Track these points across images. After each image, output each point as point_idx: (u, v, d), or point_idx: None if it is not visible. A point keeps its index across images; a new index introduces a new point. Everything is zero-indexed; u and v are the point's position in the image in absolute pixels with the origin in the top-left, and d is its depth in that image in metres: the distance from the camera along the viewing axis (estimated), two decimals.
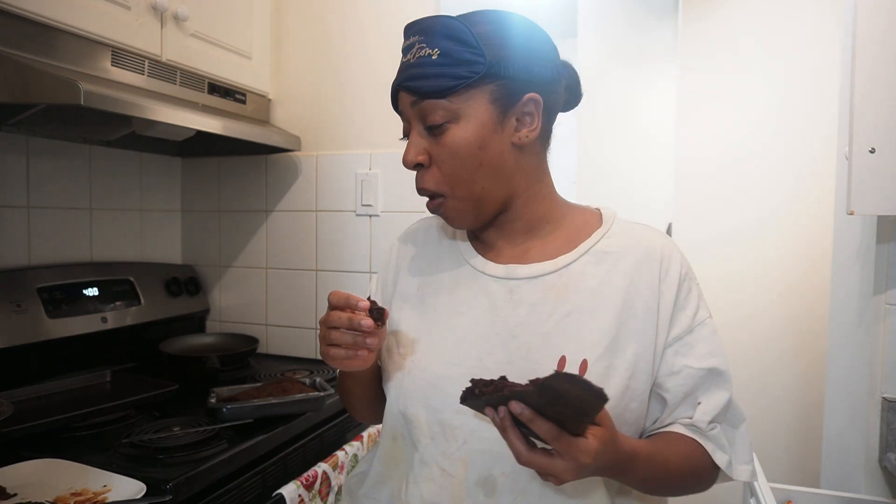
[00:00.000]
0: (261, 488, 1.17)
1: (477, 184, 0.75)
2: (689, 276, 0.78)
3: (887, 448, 1.32)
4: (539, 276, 0.76)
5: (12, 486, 0.95)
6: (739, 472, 0.75)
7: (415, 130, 0.76)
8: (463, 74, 0.71)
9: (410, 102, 0.75)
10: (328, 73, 1.78)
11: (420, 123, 0.75)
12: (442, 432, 0.74)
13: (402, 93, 0.76)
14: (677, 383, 0.74)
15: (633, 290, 0.75)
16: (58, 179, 1.55)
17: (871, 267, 1.36)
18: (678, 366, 0.74)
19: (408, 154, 0.76)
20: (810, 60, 2.13)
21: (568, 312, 0.74)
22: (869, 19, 1.23)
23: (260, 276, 1.89)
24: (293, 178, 1.83)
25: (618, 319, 0.74)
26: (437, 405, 0.75)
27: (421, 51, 0.73)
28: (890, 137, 1.22)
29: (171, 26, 1.42)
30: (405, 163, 0.77)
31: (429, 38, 0.73)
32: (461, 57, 0.71)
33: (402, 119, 0.79)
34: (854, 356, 1.44)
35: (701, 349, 0.75)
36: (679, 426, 0.74)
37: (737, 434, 0.76)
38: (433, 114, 0.73)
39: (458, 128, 0.73)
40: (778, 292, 2.18)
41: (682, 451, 0.72)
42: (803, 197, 2.14)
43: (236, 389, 1.32)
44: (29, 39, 1.13)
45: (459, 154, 0.73)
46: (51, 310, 1.42)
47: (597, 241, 0.78)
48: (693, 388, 0.74)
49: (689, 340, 0.76)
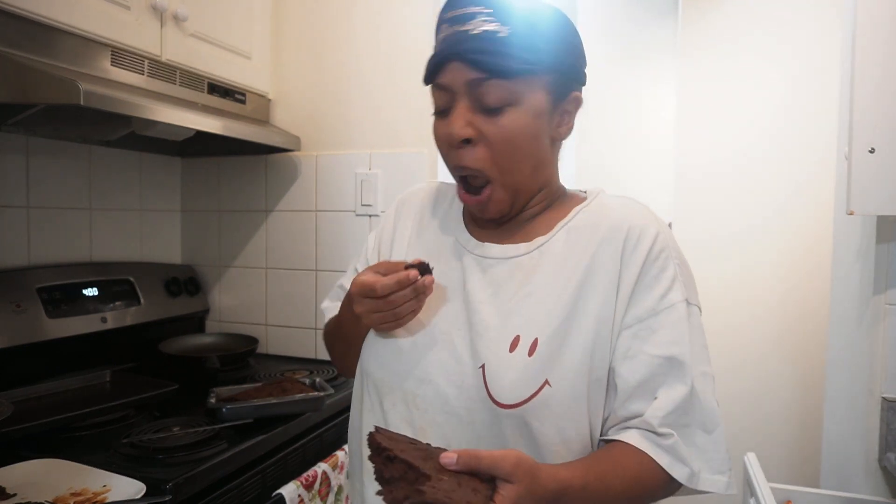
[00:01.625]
0: (260, 488, 1.17)
1: (522, 173, 0.74)
2: (666, 254, 0.72)
3: (887, 448, 1.32)
4: (512, 258, 0.76)
5: (12, 486, 0.95)
6: (709, 483, 0.67)
7: (462, 104, 0.71)
8: (531, 59, 0.69)
9: (468, 76, 0.69)
10: (328, 73, 1.78)
11: (471, 99, 0.70)
12: (403, 398, 0.75)
13: (455, 63, 0.69)
14: (631, 369, 0.68)
15: (594, 264, 0.71)
16: (58, 179, 1.55)
17: (870, 267, 1.37)
18: (634, 350, 0.69)
19: (454, 125, 0.71)
20: (810, 60, 2.12)
21: (530, 292, 0.73)
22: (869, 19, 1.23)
23: (260, 276, 1.89)
24: (293, 178, 1.83)
25: (575, 295, 0.70)
26: (401, 371, 0.75)
27: (487, 24, 0.68)
28: (890, 137, 1.22)
29: (171, 26, 1.42)
30: (451, 136, 0.71)
31: (497, 13, 0.68)
32: (531, 41, 0.69)
33: (440, 90, 0.72)
34: (854, 356, 1.43)
35: (663, 335, 0.69)
36: (633, 434, 0.67)
37: (709, 440, 0.68)
38: (494, 93, 0.69)
39: (517, 112, 0.70)
40: (778, 292, 2.18)
41: (630, 471, 0.65)
42: (803, 197, 2.14)
43: (236, 389, 1.32)
44: (29, 39, 1.13)
45: (515, 139, 0.71)
46: (50, 310, 1.42)
47: (571, 218, 0.76)
48: (648, 377, 0.68)
49: (650, 324, 0.69)
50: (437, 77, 0.72)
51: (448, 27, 0.71)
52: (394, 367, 0.76)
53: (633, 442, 0.67)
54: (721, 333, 2.19)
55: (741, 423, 2.21)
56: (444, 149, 0.75)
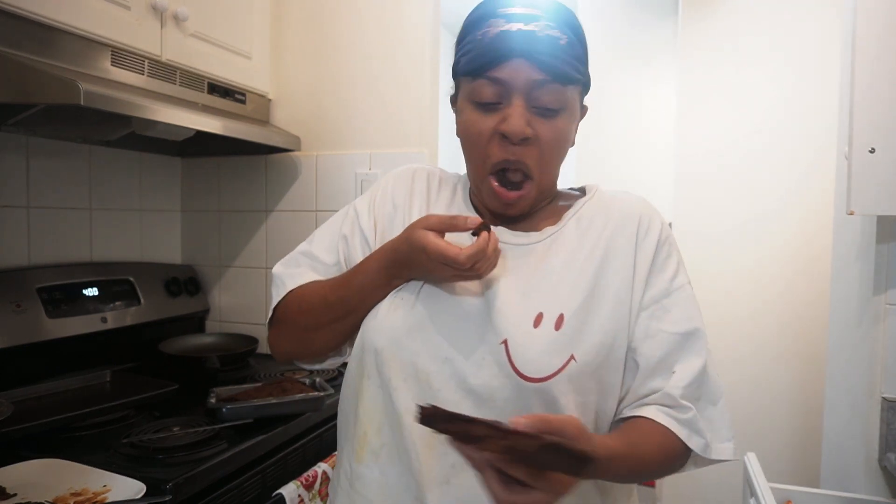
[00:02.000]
0: (260, 488, 1.17)
1: (554, 174, 0.80)
2: (670, 241, 0.78)
3: (887, 448, 1.32)
4: (525, 244, 0.78)
5: (12, 486, 0.95)
6: (719, 452, 0.72)
7: (519, 102, 0.72)
8: (581, 70, 0.75)
9: (532, 76, 0.71)
10: (328, 73, 1.78)
11: (529, 99, 0.72)
12: (416, 376, 0.73)
13: (520, 61, 0.71)
14: (652, 347, 0.73)
15: (611, 248, 0.76)
16: (58, 179, 1.55)
17: (870, 267, 1.36)
18: (653, 329, 0.73)
19: (516, 123, 0.71)
20: (810, 60, 2.12)
21: (547, 273, 0.75)
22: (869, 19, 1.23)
23: (260, 276, 1.89)
24: (293, 178, 1.83)
25: (595, 275, 0.74)
26: (413, 348, 0.73)
27: (550, 30, 0.71)
28: (890, 137, 1.22)
29: (171, 26, 1.42)
30: (514, 132, 0.72)
31: (557, 22, 0.72)
32: (579, 52, 0.74)
33: (494, 83, 0.72)
34: (854, 356, 1.43)
35: (677, 314, 0.74)
36: (652, 410, 0.71)
37: (716, 411, 0.73)
38: (552, 96, 0.72)
39: (565, 117, 0.75)
40: (778, 292, 2.18)
41: (657, 443, 0.70)
42: (803, 196, 2.14)
43: (236, 389, 1.32)
44: (29, 39, 1.13)
45: (561, 143, 0.76)
46: (50, 310, 1.42)
47: (579, 209, 0.81)
48: (667, 353, 0.72)
49: (665, 304, 0.75)
50: (496, 70, 0.72)
51: (505, 23, 0.71)
52: (406, 344, 0.74)
53: (654, 417, 0.71)
54: (721, 334, 2.19)
55: (741, 423, 2.21)
56: (483, 141, 0.74)
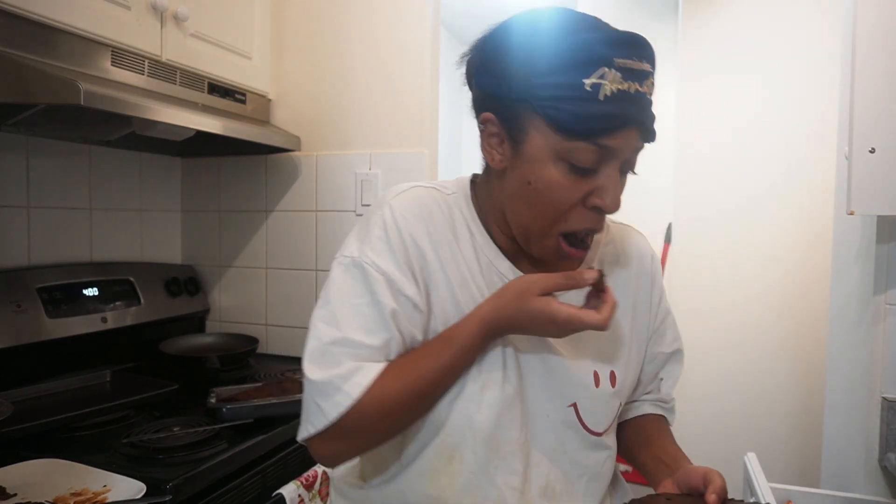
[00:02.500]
0: (261, 488, 1.17)
1: None
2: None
3: (887, 448, 1.32)
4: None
5: (12, 486, 0.95)
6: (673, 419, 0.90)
7: (615, 170, 0.66)
8: None
9: (637, 145, 0.66)
10: (328, 73, 1.78)
11: (622, 164, 0.67)
12: (514, 452, 0.73)
13: (633, 130, 0.64)
14: (653, 366, 0.86)
15: (637, 295, 0.83)
16: (58, 179, 1.55)
17: (870, 267, 1.36)
18: (653, 353, 0.86)
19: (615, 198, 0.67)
20: (810, 60, 2.12)
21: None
22: (868, 19, 1.23)
23: (260, 276, 1.89)
24: (293, 178, 1.83)
25: (630, 327, 0.82)
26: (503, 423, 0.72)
27: (652, 87, 0.65)
28: (890, 137, 1.22)
29: (171, 26, 1.42)
30: (612, 208, 0.67)
31: (654, 73, 0.66)
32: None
33: (600, 149, 0.64)
34: (854, 356, 1.43)
35: (669, 336, 0.87)
36: (647, 405, 0.88)
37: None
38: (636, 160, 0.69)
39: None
40: (777, 292, 2.18)
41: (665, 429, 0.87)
42: (803, 197, 2.14)
43: (236, 389, 1.32)
44: (29, 39, 1.13)
45: None
46: (51, 310, 1.42)
47: (599, 251, 0.82)
48: (660, 367, 0.87)
49: (661, 329, 0.86)
50: (610, 139, 0.63)
51: (622, 80, 0.62)
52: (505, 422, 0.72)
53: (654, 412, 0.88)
54: (721, 334, 2.19)
55: (741, 423, 2.21)
56: (566, 206, 0.67)
